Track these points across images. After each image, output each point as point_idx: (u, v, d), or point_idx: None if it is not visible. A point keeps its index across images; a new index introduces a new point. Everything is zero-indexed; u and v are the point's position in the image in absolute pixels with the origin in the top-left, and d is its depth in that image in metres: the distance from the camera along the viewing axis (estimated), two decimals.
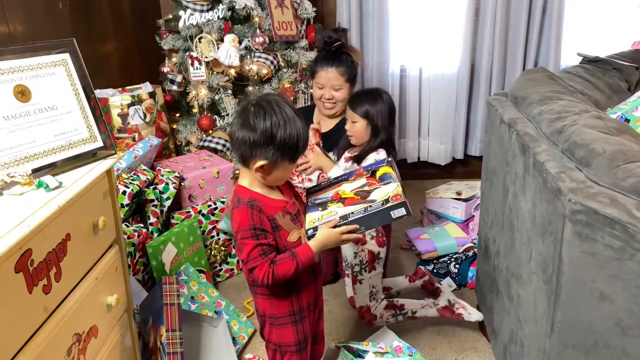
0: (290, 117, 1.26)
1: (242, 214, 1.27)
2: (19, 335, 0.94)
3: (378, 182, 1.42)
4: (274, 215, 1.31)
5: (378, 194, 1.36)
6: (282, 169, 1.30)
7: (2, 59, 1.12)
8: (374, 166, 1.51)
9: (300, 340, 1.42)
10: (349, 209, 1.34)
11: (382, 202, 1.31)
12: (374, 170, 1.47)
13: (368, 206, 1.32)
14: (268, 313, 1.41)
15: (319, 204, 1.42)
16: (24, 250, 0.93)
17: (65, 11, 2.19)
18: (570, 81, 1.82)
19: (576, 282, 1.15)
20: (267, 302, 1.39)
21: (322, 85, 2.26)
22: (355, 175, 1.51)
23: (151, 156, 2.32)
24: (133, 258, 1.93)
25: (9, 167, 1.07)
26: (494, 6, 3.03)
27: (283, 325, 1.40)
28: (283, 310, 1.39)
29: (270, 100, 1.28)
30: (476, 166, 3.00)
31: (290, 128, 1.25)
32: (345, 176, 1.52)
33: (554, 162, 1.27)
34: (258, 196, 1.31)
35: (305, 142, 1.30)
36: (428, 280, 2.22)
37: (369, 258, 1.95)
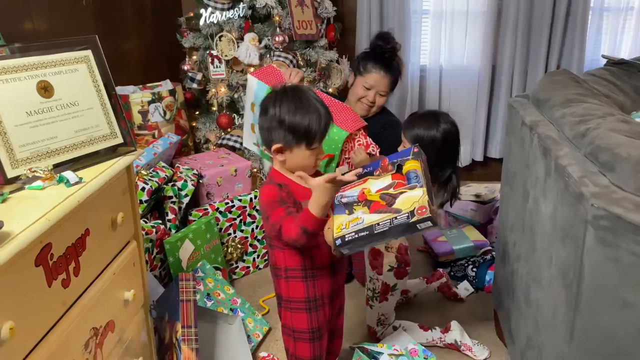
0: (305, 104, 1.32)
1: (270, 190, 1.34)
2: (38, 328, 0.95)
3: (404, 182, 1.36)
4: (300, 202, 1.36)
5: (403, 201, 1.32)
6: (298, 153, 1.35)
7: (26, 55, 1.14)
8: (399, 157, 1.41)
9: (314, 329, 1.45)
10: (375, 218, 1.32)
11: (407, 214, 1.28)
12: (400, 165, 1.40)
13: (394, 218, 1.30)
14: (284, 296, 1.46)
15: (346, 204, 1.40)
16: (44, 245, 0.94)
17: (88, 8, 2.22)
18: (595, 84, 1.79)
19: (598, 288, 1.13)
20: (284, 284, 1.44)
21: (370, 86, 2.20)
22: (380, 167, 1.43)
23: (170, 153, 2.33)
24: (150, 254, 1.94)
25: (31, 162, 1.08)
26: (517, 7, 2.99)
27: (298, 310, 1.44)
28: (299, 295, 1.43)
29: (289, 89, 1.37)
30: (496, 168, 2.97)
31: (302, 113, 1.31)
32: (371, 167, 1.45)
33: (577, 166, 1.25)
34: (289, 181, 1.38)
35: (321, 129, 1.33)
36: (445, 283, 2.19)
37: (381, 289, 1.90)
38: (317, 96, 1.37)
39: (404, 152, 1.43)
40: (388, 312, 1.94)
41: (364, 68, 2.21)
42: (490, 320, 2.06)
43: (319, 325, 1.46)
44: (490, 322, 2.06)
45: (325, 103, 1.38)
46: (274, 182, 1.37)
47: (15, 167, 1.06)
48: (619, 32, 3.12)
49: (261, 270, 2.48)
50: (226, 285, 2.04)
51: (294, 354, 1.50)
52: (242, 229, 2.37)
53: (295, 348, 1.49)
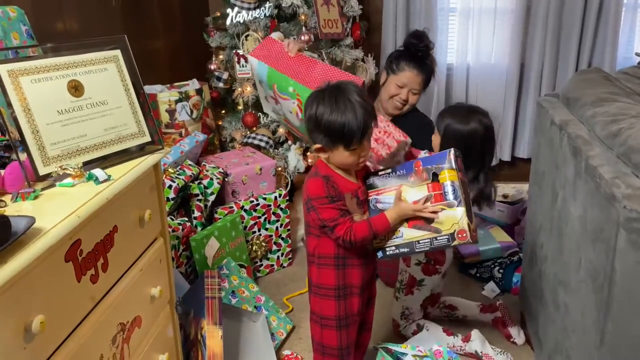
0: (341, 104, 1.30)
1: (317, 184, 1.36)
2: (68, 322, 0.97)
3: (441, 194, 1.32)
4: (344, 194, 1.38)
5: (444, 221, 1.32)
6: (338, 153, 1.35)
7: (58, 54, 1.16)
8: (435, 163, 1.35)
9: (341, 316, 1.46)
10: (414, 235, 1.35)
11: (448, 237, 1.30)
12: (435, 173, 1.35)
13: (434, 238, 1.32)
14: (314, 282, 1.47)
15: (382, 211, 1.40)
16: (73, 241, 0.96)
17: (117, 9, 2.26)
18: (628, 82, 1.74)
19: (629, 292, 1.10)
20: (316, 270, 1.46)
21: (403, 84, 2.20)
22: (414, 173, 1.38)
23: (197, 152, 2.36)
24: (177, 251, 1.97)
25: (62, 160, 1.11)
26: (547, 4, 2.93)
27: (327, 297, 1.45)
28: (329, 282, 1.44)
29: (329, 88, 1.36)
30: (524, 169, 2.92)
31: (337, 115, 1.30)
32: (404, 170, 1.41)
33: (608, 166, 1.22)
34: (334, 174, 1.39)
35: (359, 130, 1.30)
36: (500, 318, 2.01)
37: (408, 282, 1.90)
38: (360, 94, 1.34)
39: (439, 156, 1.36)
40: (413, 307, 1.93)
41: (397, 66, 2.21)
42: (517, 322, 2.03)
43: (346, 313, 1.46)
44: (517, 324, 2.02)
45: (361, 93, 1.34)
46: (320, 174, 1.38)
47: (47, 164, 1.08)
48: None
49: (285, 269, 2.49)
50: (250, 283, 2.05)
51: (321, 342, 1.50)
52: (266, 227, 2.39)
53: (322, 335, 1.49)
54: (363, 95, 1.34)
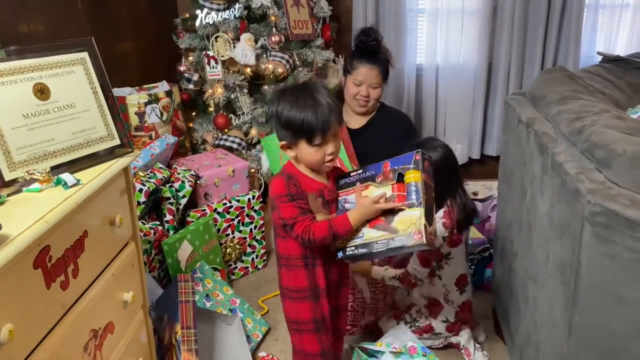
0: (301, 99, 1.32)
1: (279, 183, 1.36)
2: (38, 330, 0.95)
3: (404, 195, 1.33)
4: (307, 193, 1.38)
5: (401, 220, 1.33)
6: (302, 150, 1.36)
7: (22, 57, 1.14)
8: (402, 163, 1.36)
9: (317, 318, 1.44)
10: (374, 235, 1.36)
11: (404, 237, 1.31)
12: (401, 174, 1.36)
13: (390, 239, 1.33)
14: (285, 285, 1.46)
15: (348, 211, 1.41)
16: (42, 247, 0.94)
17: (84, 10, 2.22)
18: (590, 80, 1.79)
19: (595, 285, 1.13)
20: (287, 273, 1.44)
21: (360, 82, 2.25)
22: (382, 174, 1.40)
23: (167, 154, 2.33)
24: (149, 255, 1.94)
25: (28, 165, 1.08)
26: (512, 5, 2.99)
27: (301, 299, 1.43)
28: (302, 284, 1.42)
29: (296, 84, 1.41)
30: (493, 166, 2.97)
31: (297, 110, 1.31)
32: (373, 171, 1.42)
33: (573, 162, 1.26)
34: (299, 173, 1.40)
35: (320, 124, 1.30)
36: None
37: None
38: (324, 92, 1.35)
39: (407, 157, 1.37)
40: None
41: (351, 66, 2.27)
42: (489, 317, 2.07)
43: (322, 315, 1.45)
44: (489, 320, 2.06)
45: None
46: (284, 173, 1.39)
47: (13, 169, 1.06)
48: (614, 28, 3.13)
49: (260, 271, 2.48)
50: (225, 286, 2.04)
51: (302, 350, 1.48)
52: (240, 230, 2.37)
53: (302, 342, 1.47)
54: (328, 93, 1.35)
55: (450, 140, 3.30)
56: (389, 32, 3.07)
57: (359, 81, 2.24)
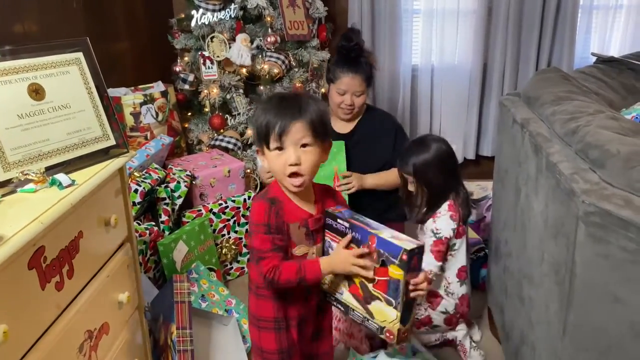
0: (276, 104, 1.24)
1: (260, 208, 1.26)
2: (32, 331, 0.95)
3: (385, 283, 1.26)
4: (289, 224, 1.27)
5: (377, 311, 1.29)
6: (268, 157, 1.26)
7: (17, 57, 1.13)
8: (388, 251, 1.24)
9: (283, 349, 1.36)
10: (352, 302, 1.34)
11: (378, 328, 1.30)
12: (384, 262, 1.25)
13: (366, 319, 1.32)
14: (253, 313, 1.38)
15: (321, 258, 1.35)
16: (37, 247, 0.94)
17: (79, 10, 2.21)
18: (584, 81, 1.80)
19: (589, 284, 1.14)
20: (255, 301, 1.37)
21: (344, 91, 2.18)
22: (367, 245, 1.27)
23: (163, 155, 2.33)
24: (144, 256, 1.94)
25: (23, 165, 1.08)
26: (507, 5, 3.01)
27: (266, 329, 1.36)
28: (268, 314, 1.35)
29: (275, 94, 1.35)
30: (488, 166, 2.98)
31: (269, 112, 1.22)
32: (358, 235, 1.29)
33: (568, 163, 1.26)
34: (284, 198, 1.29)
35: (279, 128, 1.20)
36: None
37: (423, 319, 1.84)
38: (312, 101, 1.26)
39: (393, 247, 1.23)
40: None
41: (333, 75, 2.20)
42: (484, 317, 2.07)
43: (289, 344, 1.37)
44: (484, 319, 2.07)
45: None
46: (267, 196, 1.28)
47: (7, 170, 1.06)
48: (608, 29, 3.15)
49: None
50: (221, 286, 2.04)
51: None
52: (236, 230, 2.37)
53: None
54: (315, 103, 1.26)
55: None
56: (384, 32, 3.08)
57: (342, 90, 2.18)
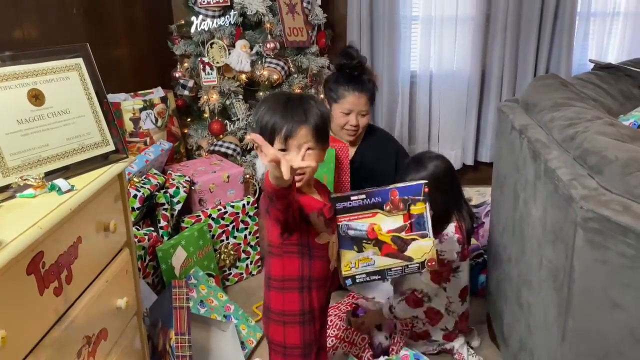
0: (281, 106, 1.29)
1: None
2: (30, 337, 0.95)
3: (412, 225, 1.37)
4: (309, 212, 1.32)
5: (415, 250, 1.37)
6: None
7: (17, 63, 1.14)
8: (410, 194, 1.36)
9: (307, 343, 1.39)
10: (387, 262, 1.37)
11: (418, 265, 1.37)
12: (410, 204, 1.37)
13: (405, 266, 1.37)
14: (279, 309, 1.38)
15: (353, 238, 1.35)
16: (35, 253, 0.94)
17: (79, 16, 2.22)
18: (582, 88, 1.81)
19: (588, 290, 1.14)
20: (280, 296, 1.37)
21: (349, 110, 2.08)
22: (390, 202, 1.36)
23: (162, 160, 2.33)
24: (143, 261, 1.94)
25: (22, 170, 1.08)
26: (505, 12, 3.02)
27: (291, 324, 1.37)
28: (294, 308, 1.37)
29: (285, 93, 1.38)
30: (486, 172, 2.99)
31: (270, 113, 1.28)
32: (379, 198, 1.36)
33: (566, 169, 1.27)
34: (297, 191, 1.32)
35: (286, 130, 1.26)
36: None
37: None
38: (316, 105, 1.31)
39: (415, 187, 1.36)
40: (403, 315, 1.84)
41: (336, 94, 2.09)
42: (483, 323, 2.07)
43: (311, 339, 1.40)
44: (483, 325, 2.06)
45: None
46: None
47: (7, 175, 1.06)
48: (606, 36, 3.16)
49: (254, 277, 2.47)
50: (219, 292, 2.04)
51: None
52: (235, 236, 2.37)
53: None
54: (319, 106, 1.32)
55: (444, 147, 3.33)
56: (382, 39, 3.10)
57: (347, 110, 2.07)
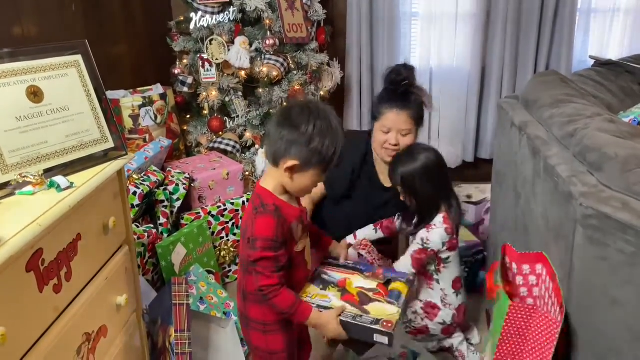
0: (334, 126, 1.27)
1: (268, 223, 1.26)
2: (30, 334, 0.95)
3: (385, 295, 1.42)
4: (291, 223, 1.31)
5: (376, 309, 1.36)
6: (309, 176, 1.29)
7: (16, 60, 1.13)
8: (395, 275, 1.50)
9: (289, 345, 1.41)
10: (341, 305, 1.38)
11: (373, 320, 1.32)
12: (390, 280, 1.47)
13: (359, 315, 1.34)
14: (259, 319, 1.38)
15: (323, 280, 1.47)
16: (35, 250, 0.94)
17: (78, 13, 2.21)
18: (582, 84, 1.81)
19: (587, 287, 1.14)
20: (258, 307, 1.36)
21: (388, 129, 1.93)
22: (373, 272, 1.50)
23: (162, 157, 2.33)
24: (143, 258, 1.94)
25: (21, 168, 1.08)
26: (505, 9, 3.01)
27: (273, 332, 1.38)
28: (274, 318, 1.36)
29: (318, 106, 1.30)
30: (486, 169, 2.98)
31: (332, 137, 1.25)
32: (364, 268, 1.52)
33: (565, 165, 1.26)
34: (281, 203, 1.31)
35: (340, 156, 1.29)
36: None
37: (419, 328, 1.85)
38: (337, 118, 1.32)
39: (401, 274, 1.52)
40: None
41: (377, 112, 2.00)
42: (483, 320, 2.07)
43: (292, 340, 1.43)
44: (483, 323, 2.07)
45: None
46: (269, 209, 1.28)
47: (6, 172, 1.05)
48: (606, 32, 3.15)
49: None
50: (219, 289, 2.04)
51: None
52: (234, 232, 2.37)
53: None
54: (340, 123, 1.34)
55: (444, 144, 3.32)
56: (382, 35, 3.09)
57: (387, 128, 1.93)
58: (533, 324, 1.35)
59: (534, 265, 1.46)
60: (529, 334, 1.37)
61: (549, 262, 1.33)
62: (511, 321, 1.39)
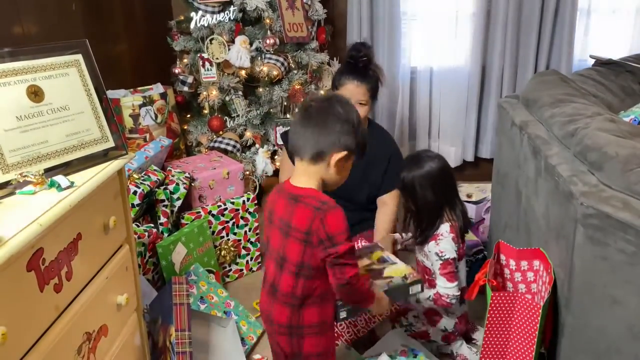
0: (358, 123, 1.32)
1: (340, 216, 1.26)
2: (30, 333, 0.95)
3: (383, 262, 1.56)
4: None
5: (392, 271, 1.51)
6: (349, 165, 1.33)
7: (16, 59, 1.13)
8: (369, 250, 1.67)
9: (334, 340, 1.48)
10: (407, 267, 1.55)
11: (402, 278, 1.46)
12: (368, 254, 1.64)
13: (389, 281, 1.47)
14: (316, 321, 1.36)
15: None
16: (35, 249, 0.94)
17: (78, 12, 2.21)
18: (583, 84, 1.81)
19: (588, 286, 1.14)
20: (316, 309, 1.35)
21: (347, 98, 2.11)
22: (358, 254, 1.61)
23: (162, 157, 2.33)
24: (143, 258, 1.94)
25: (22, 167, 1.08)
26: (505, 8, 3.01)
27: (327, 330, 1.40)
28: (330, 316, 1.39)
29: (341, 97, 1.37)
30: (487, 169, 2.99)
31: (363, 127, 1.34)
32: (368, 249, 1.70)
33: (566, 165, 1.26)
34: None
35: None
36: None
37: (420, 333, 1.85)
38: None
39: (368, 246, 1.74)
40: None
41: (338, 83, 2.16)
42: (483, 319, 2.07)
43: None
44: (482, 322, 2.06)
45: None
46: (332, 204, 1.27)
47: (6, 172, 1.05)
48: (607, 32, 3.15)
49: (254, 273, 2.48)
50: (219, 288, 2.04)
51: None
52: (235, 232, 2.37)
53: None
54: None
55: (444, 143, 3.32)
56: (383, 35, 3.09)
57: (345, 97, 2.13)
58: (516, 311, 1.38)
59: (532, 261, 1.47)
60: (513, 321, 1.40)
61: (546, 257, 1.34)
62: (495, 311, 1.42)
